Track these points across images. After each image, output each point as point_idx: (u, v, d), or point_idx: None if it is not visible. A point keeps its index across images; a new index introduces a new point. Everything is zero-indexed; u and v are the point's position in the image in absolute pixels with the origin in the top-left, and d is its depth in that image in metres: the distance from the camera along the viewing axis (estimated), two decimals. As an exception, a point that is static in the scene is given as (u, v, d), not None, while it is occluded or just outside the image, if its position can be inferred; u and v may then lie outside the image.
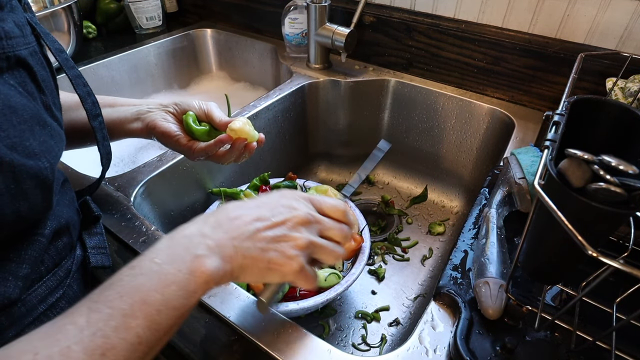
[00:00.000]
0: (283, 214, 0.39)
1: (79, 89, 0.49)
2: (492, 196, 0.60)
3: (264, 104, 0.87)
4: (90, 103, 0.50)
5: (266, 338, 0.44)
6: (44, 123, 0.38)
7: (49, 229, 0.42)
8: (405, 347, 0.44)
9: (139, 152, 1.01)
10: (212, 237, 0.35)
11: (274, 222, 0.38)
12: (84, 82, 0.50)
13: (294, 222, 0.38)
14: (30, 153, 0.35)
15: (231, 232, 0.36)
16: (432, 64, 0.95)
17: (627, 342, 0.41)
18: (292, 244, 0.38)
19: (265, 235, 0.37)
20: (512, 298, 0.44)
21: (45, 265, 0.43)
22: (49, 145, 0.38)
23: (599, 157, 0.31)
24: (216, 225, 0.36)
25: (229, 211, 0.38)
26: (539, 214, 0.38)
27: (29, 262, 0.39)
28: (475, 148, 0.92)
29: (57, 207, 0.46)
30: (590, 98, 0.42)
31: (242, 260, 0.36)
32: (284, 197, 0.41)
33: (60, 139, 0.41)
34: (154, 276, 0.32)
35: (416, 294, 0.79)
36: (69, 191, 0.51)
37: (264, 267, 0.37)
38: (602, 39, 0.75)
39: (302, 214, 0.39)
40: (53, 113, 0.42)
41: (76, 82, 0.48)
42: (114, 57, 1.07)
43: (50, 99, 0.42)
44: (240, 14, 1.22)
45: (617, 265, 0.29)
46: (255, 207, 0.39)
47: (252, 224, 0.37)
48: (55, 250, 0.44)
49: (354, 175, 0.62)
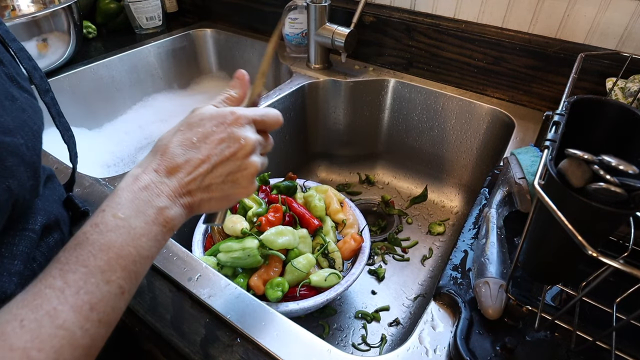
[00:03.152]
0: (233, 146, 0.38)
1: (25, 62, 0.46)
2: (492, 196, 0.60)
3: (264, 104, 0.87)
4: (39, 78, 0.48)
5: (266, 338, 0.44)
6: (12, 97, 0.37)
7: (38, 224, 0.42)
8: (405, 347, 0.44)
9: (139, 152, 1.01)
10: (169, 185, 0.36)
11: (225, 156, 0.37)
12: (29, 55, 0.48)
13: (245, 153, 0.38)
14: (5, 129, 0.34)
15: (186, 176, 0.36)
16: (432, 64, 0.95)
17: (627, 342, 0.41)
18: (246, 174, 0.38)
19: (219, 172, 0.37)
20: (512, 298, 0.44)
21: (37, 262, 0.42)
22: (22, 120, 0.37)
23: (599, 157, 0.31)
24: (170, 171, 0.36)
25: (176, 154, 0.37)
26: (539, 214, 0.38)
27: (21, 258, 0.39)
28: (475, 148, 0.92)
29: (46, 202, 0.45)
30: (590, 98, 0.42)
31: (200, 201, 0.37)
32: (230, 125, 0.38)
33: (33, 111, 0.39)
34: (123, 231, 0.32)
35: (416, 294, 0.79)
36: (57, 187, 0.50)
37: (222, 200, 0.39)
38: (602, 39, 0.75)
39: (251, 143, 0.38)
40: (20, 84, 0.40)
41: (20, 55, 0.46)
42: (114, 57, 1.07)
43: (12, 70, 0.40)
44: (240, 14, 1.22)
45: (617, 265, 0.29)
46: (203, 140, 0.38)
47: (205, 161, 0.37)
48: (46, 247, 0.44)
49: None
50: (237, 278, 0.59)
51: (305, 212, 0.68)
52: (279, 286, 0.57)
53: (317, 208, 0.69)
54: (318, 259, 0.63)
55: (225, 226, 0.62)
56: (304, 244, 0.64)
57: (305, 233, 0.64)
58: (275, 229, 0.60)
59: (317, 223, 0.66)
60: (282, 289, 0.57)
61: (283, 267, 0.61)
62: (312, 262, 0.61)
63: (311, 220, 0.66)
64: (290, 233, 0.61)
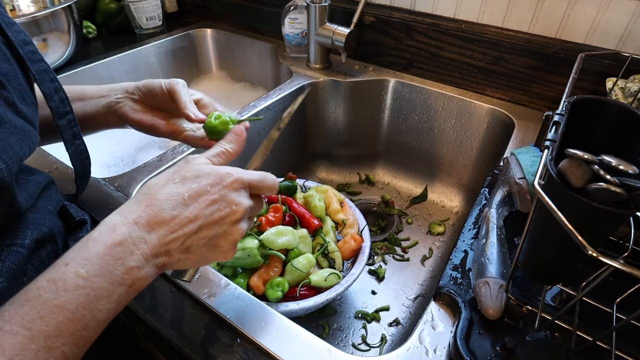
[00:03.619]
0: (223, 211, 0.36)
1: (44, 85, 0.44)
2: (492, 196, 0.60)
3: (264, 104, 0.87)
4: (58, 100, 0.46)
5: (266, 338, 0.44)
6: (0, 120, 0.35)
7: (29, 239, 0.40)
8: (405, 347, 0.44)
9: (139, 152, 1.01)
10: (146, 242, 0.33)
11: (213, 219, 0.36)
12: (52, 77, 0.46)
13: (234, 219, 0.37)
14: None
15: (166, 234, 0.34)
16: (432, 64, 0.95)
17: (627, 342, 0.41)
18: (230, 240, 0.37)
19: (203, 234, 0.35)
20: (512, 298, 0.44)
21: (28, 276, 0.40)
22: (7, 143, 0.35)
23: (599, 157, 0.31)
24: (151, 225, 0.33)
25: (163, 209, 0.34)
26: (539, 214, 0.38)
27: (7, 275, 0.36)
28: (475, 148, 0.92)
29: (39, 214, 0.43)
30: (590, 98, 0.42)
31: (176, 261, 0.35)
32: (225, 187, 0.37)
33: (24, 136, 0.37)
34: (82, 292, 0.29)
35: (416, 294, 0.79)
36: (54, 195, 0.48)
37: (198, 261, 0.37)
38: (602, 39, 0.75)
39: (242, 210, 0.37)
40: (17, 109, 0.38)
41: (41, 77, 0.44)
42: (114, 57, 1.07)
43: (16, 94, 0.39)
44: (240, 14, 1.22)
45: (617, 265, 0.29)
46: (194, 199, 0.36)
47: (186, 226, 0.34)
48: (38, 260, 0.42)
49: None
50: (237, 278, 0.59)
51: (305, 212, 0.68)
52: (279, 286, 0.57)
53: (317, 208, 0.69)
54: (318, 259, 0.63)
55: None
56: (304, 244, 0.64)
57: (305, 233, 0.64)
58: (275, 229, 0.60)
59: (317, 223, 0.66)
60: (282, 289, 0.57)
61: (283, 267, 0.61)
62: (312, 262, 0.61)
63: (311, 220, 0.66)
64: (290, 233, 0.61)
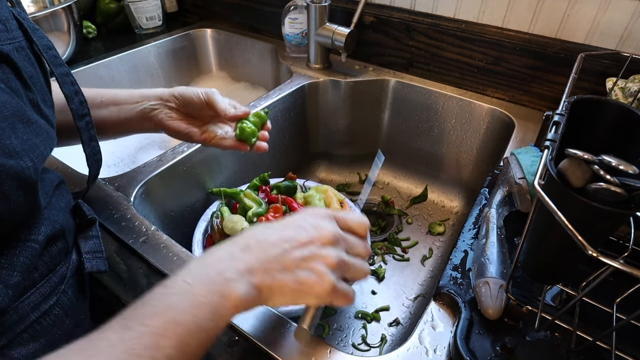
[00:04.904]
0: (310, 233, 0.38)
1: (66, 87, 0.47)
2: (492, 196, 0.60)
3: (264, 104, 0.87)
4: (78, 103, 0.49)
5: (266, 338, 0.44)
6: (28, 120, 0.37)
7: (42, 234, 0.41)
8: (405, 347, 0.44)
9: (139, 152, 1.01)
10: (241, 260, 0.35)
11: (300, 241, 0.37)
12: (72, 80, 0.48)
13: (322, 241, 0.38)
14: (10, 152, 0.34)
15: (259, 255, 0.36)
16: (432, 64, 0.95)
17: (627, 342, 0.41)
18: (321, 262, 0.37)
19: (294, 255, 0.36)
20: (512, 298, 0.44)
21: (39, 271, 0.41)
22: (33, 143, 0.37)
23: (599, 157, 0.31)
24: (245, 248, 0.36)
25: (257, 234, 0.38)
26: (539, 214, 0.38)
27: (20, 270, 0.38)
28: (475, 148, 0.92)
29: (52, 211, 0.44)
30: (590, 98, 0.42)
31: (272, 283, 0.35)
32: (309, 215, 0.40)
33: (47, 137, 0.40)
34: (186, 296, 0.32)
35: (416, 294, 0.79)
36: (65, 194, 0.49)
37: (295, 288, 0.36)
38: (602, 39, 0.75)
39: (329, 232, 0.39)
40: (41, 110, 0.40)
41: (63, 80, 0.47)
42: (114, 57, 1.07)
43: (39, 96, 0.41)
44: (240, 14, 1.22)
45: (617, 265, 0.29)
46: (282, 227, 0.39)
47: (279, 245, 0.37)
48: (49, 257, 0.43)
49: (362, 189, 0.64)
50: (237, 278, 0.59)
51: (305, 212, 0.68)
52: (279, 286, 0.56)
53: (317, 208, 0.69)
54: (318, 259, 0.63)
55: (225, 226, 0.62)
56: (304, 244, 0.64)
57: (305, 233, 0.64)
58: (275, 229, 0.60)
59: (317, 223, 0.66)
60: (282, 289, 0.56)
61: (283, 267, 0.61)
62: (312, 262, 0.61)
63: (311, 220, 0.66)
64: (290, 233, 0.61)
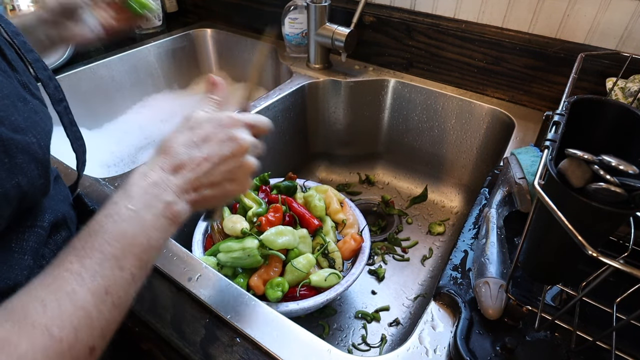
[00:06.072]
0: (231, 147, 0.41)
1: (40, 73, 0.48)
2: (492, 196, 0.60)
3: (264, 104, 0.87)
4: (53, 88, 0.49)
5: (266, 338, 0.44)
6: (24, 99, 0.38)
7: (47, 221, 0.43)
8: (405, 347, 0.44)
9: (139, 152, 1.01)
10: (175, 184, 0.38)
11: (224, 156, 0.40)
12: (44, 65, 0.49)
13: (243, 153, 0.41)
14: (16, 128, 0.35)
15: (189, 175, 0.39)
16: (432, 64, 0.95)
17: (627, 342, 0.41)
18: (243, 172, 0.42)
19: (219, 170, 0.40)
20: (512, 298, 0.44)
21: (47, 259, 0.43)
22: (34, 120, 0.38)
23: (599, 157, 0.31)
24: (175, 169, 0.39)
25: (180, 153, 0.40)
26: (539, 214, 0.38)
27: (31, 253, 0.40)
28: (475, 148, 0.92)
29: (53, 201, 0.46)
30: (590, 98, 0.42)
31: (203, 198, 0.40)
32: (225, 126, 0.42)
33: (45, 115, 0.41)
34: (135, 222, 0.35)
35: (416, 294, 0.79)
36: (62, 187, 0.51)
37: (222, 198, 0.42)
38: (602, 39, 0.75)
39: (247, 144, 0.42)
40: (31, 91, 0.41)
41: (36, 66, 0.47)
42: (114, 57, 1.07)
43: (25, 78, 0.41)
44: (240, 14, 1.22)
45: (617, 265, 0.29)
46: (203, 140, 0.40)
47: (203, 164, 0.39)
48: (55, 245, 0.44)
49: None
50: (237, 278, 0.59)
51: (305, 212, 0.68)
52: (279, 286, 0.57)
53: (317, 208, 0.69)
54: (318, 259, 0.63)
55: (225, 226, 0.62)
56: (304, 244, 0.64)
57: (305, 233, 0.64)
58: (275, 229, 0.60)
59: (317, 223, 0.66)
60: (282, 289, 0.57)
61: (283, 267, 0.61)
62: (312, 262, 0.61)
63: (311, 220, 0.66)
64: (290, 233, 0.61)
